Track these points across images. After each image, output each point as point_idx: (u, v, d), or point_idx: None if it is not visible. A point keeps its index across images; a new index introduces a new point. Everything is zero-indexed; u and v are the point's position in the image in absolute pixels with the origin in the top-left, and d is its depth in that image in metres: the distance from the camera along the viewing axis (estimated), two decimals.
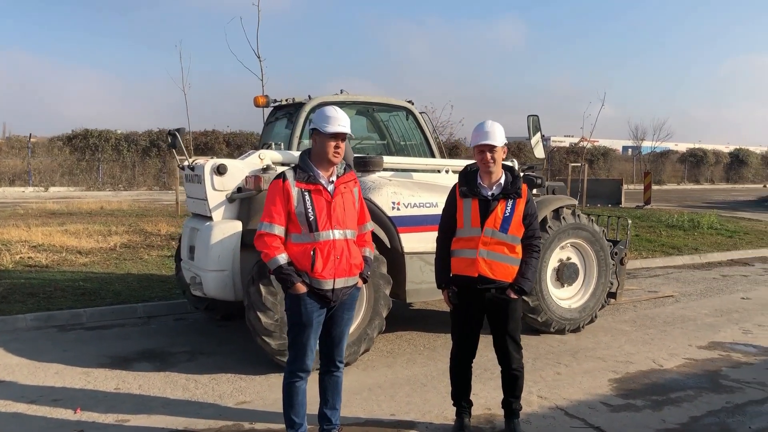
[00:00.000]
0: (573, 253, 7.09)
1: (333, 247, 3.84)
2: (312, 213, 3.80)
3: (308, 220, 3.80)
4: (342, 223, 3.87)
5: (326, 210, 3.83)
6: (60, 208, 18.44)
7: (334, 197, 3.87)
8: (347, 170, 4.02)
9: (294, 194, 3.81)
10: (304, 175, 3.86)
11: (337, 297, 3.91)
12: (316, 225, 3.80)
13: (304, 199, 3.81)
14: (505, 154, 4.21)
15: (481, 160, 4.13)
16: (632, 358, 6.17)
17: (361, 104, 7.26)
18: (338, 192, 3.90)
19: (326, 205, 3.84)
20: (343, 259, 3.87)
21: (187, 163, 6.39)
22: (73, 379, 5.39)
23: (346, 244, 3.90)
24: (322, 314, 3.93)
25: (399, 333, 6.83)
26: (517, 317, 4.26)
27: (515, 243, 4.15)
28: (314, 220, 3.80)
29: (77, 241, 11.70)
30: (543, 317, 6.74)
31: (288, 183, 3.83)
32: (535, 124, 7.25)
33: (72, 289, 8.14)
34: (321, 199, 3.84)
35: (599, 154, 42.22)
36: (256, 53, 12.57)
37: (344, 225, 3.88)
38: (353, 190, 4.01)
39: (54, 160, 29.17)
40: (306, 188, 3.83)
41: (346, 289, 3.94)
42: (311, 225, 3.80)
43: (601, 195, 22.77)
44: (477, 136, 4.15)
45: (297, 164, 3.95)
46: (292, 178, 3.85)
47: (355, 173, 4.12)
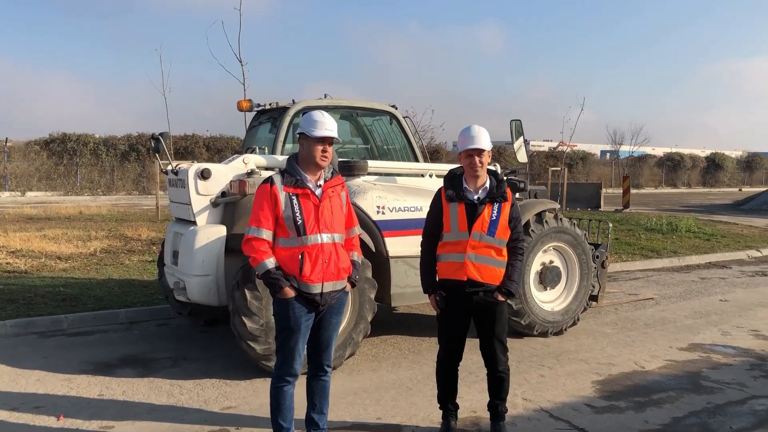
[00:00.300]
0: (555, 256, 7.16)
1: (321, 250, 3.84)
2: (300, 217, 3.80)
3: (296, 224, 3.80)
4: (330, 227, 3.88)
5: (314, 214, 3.84)
6: (38, 213, 18.25)
7: (321, 201, 3.88)
8: (334, 174, 4.03)
9: (282, 198, 3.81)
10: (291, 179, 3.86)
11: (326, 301, 3.91)
12: (304, 229, 3.81)
13: (292, 203, 3.81)
14: (490, 158, 4.26)
15: (469, 165, 4.16)
16: (614, 360, 6.24)
17: (345, 109, 7.27)
18: (326, 196, 3.90)
19: (314, 209, 3.84)
20: (332, 263, 3.88)
21: (171, 168, 6.36)
22: (56, 386, 5.33)
23: (335, 248, 3.91)
24: (310, 318, 3.93)
25: (384, 337, 6.85)
26: (504, 320, 4.30)
27: (502, 246, 4.20)
28: (302, 224, 3.80)
29: (56, 247, 11.58)
30: (526, 320, 6.79)
31: (276, 187, 3.83)
32: (518, 129, 7.31)
33: (52, 294, 8.05)
34: (309, 203, 3.84)
35: (578, 158, 42.62)
36: (238, 57, 12.56)
37: (332, 229, 3.89)
38: (341, 194, 4.02)
39: (31, 164, 28.83)
40: (294, 192, 3.83)
41: (335, 293, 3.95)
42: (299, 229, 3.80)
43: (580, 199, 22.99)
44: (465, 141, 4.19)
45: (284, 168, 3.95)
46: (280, 183, 3.85)
47: (342, 177, 4.12)
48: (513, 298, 4.28)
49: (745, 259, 13.21)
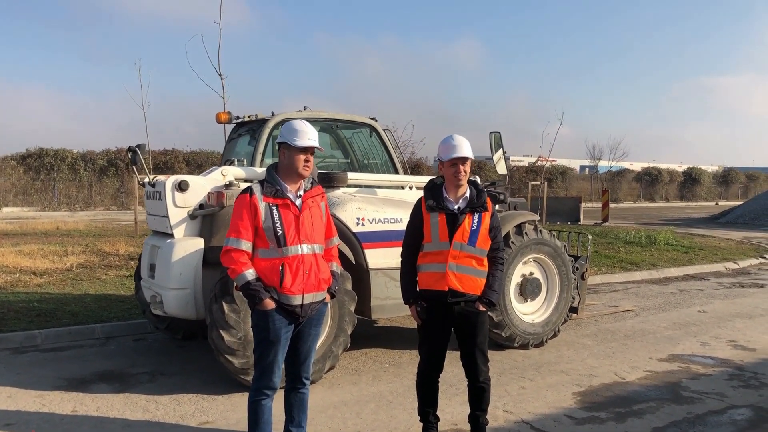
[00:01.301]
0: (535, 268, 7.16)
1: (302, 261, 3.80)
2: (280, 227, 3.75)
3: (276, 235, 3.74)
4: (310, 238, 3.84)
5: (294, 224, 3.79)
6: (13, 229, 17.98)
7: (302, 212, 3.84)
8: (314, 184, 4.00)
9: (261, 209, 3.75)
10: (271, 189, 3.81)
11: (306, 313, 3.86)
12: (284, 240, 3.75)
13: (272, 213, 3.75)
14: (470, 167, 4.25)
15: (453, 174, 4.14)
16: (595, 372, 6.24)
17: (325, 121, 7.25)
18: (306, 206, 3.86)
19: (294, 220, 3.80)
20: (312, 274, 3.84)
21: (148, 180, 6.29)
22: (27, 403, 5.21)
23: (315, 259, 3.86)
24: (289, 330, 3.87)
25: (364, 350, 6.79)
26: (485, 330, 4.27)
27: (483, 256, 4.18)
28: (282, 235, 3.75)
29: (32, 262, 11.41)
30: (507, 332, 6.77)
31: (255, 197, 3.77)
32: (497, 141, 7.33)
33: (26, 310, 7.90)
34: (289, 213, 3.80)
35: (558, 173, 42.96)
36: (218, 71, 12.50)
37: (312, 239, 3.85)
38: (320, 204, 3.99)
39: (7, 179, 28.46)
40: (274, 203, 3.78)
41: (315, 304, 3.91)
42: (279, 240, 3.75)
43: (560, 213, 23.11)
44: (448, 150, 4.17)
45: (264, 179, 3.91)
46: (260, 193, 3.79)
47: (322, 188, 4.09)
48: (494, 308, 4.26)
49: (722, 271, 13.33)
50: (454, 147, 4.15)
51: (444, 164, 4.19)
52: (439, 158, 4.26)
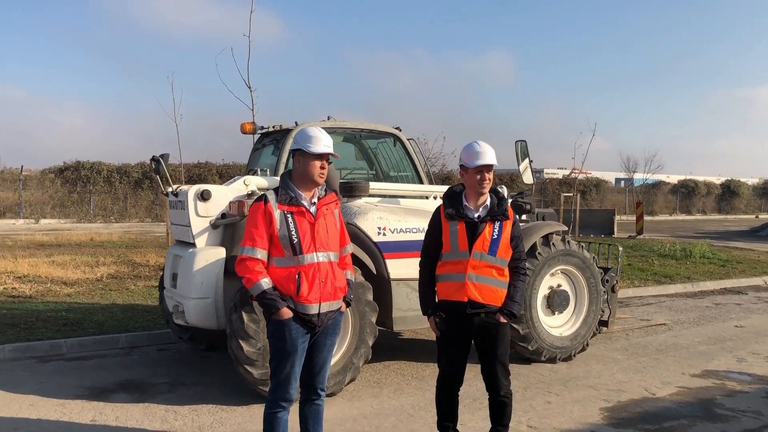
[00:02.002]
0: (563, 280, 6.99)
1: (318, 270, 3.72)
2: (296, 235, 3.68)
3: (292, 243, 3.67)
4: (326, 246, 3.77)
5: (310, 232, 3.73)
6: (49, 240, 18.27)
7: (317, 219, 3.77)
8: (328, 191, 3.93)
9: (276, 216, 3.69)
10: (286, 196, 3.74)
11: (322, 322, 3.79)
12: (300, 248, 3.68)
13: (287, 221, 3.69)
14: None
15: (478, 181, 4.04)
16: (624, 387, 6.04)
17: (348, 131, 7.21)
18: (321, 214, 3.80)
19: (310, 227, 3.74)
20: (328, 282, 3.77)
21: (171, 190, 6.31)
22: (49, 411, 5.21)
23: (331, 267, 3.80)
24: (306, 340, 3.79)
25: (386, 363, 6.68)
26: (506, 342, 4.15)
27: (503, 266, 4.06)
28: (298, 243, 3.68)
29: (63, 272, 11.54)
30: (533, 345, 6.61)
31: (270, 205, 3.71)
32: (523, 150, 7.20)
33: (54, 319, 7.98)
34: (304, 221, 3.74)
35: (591, 185, 42.34)
36: (247, 83, 12.54)
37: (328, 247, 3.79)
38: (334, 211, 3.92)
39: (45, 192, 29.05)
40: (288, 210, 3.72)
41: (331, 313, 3.83)
42: (295, 248, 3.68)
43: (593, 225, 22.76)
44: (472, 156, 4.07)
45: (278, 186, 3.85)
46: (274, 200, 3.73)
47: (335, 195, 4.01)
48: (515, 319, 4.13)
49: (761, 285, 12.92)
50: (479, 154, 4.04)
51: (467, 171, 4.08)
52: (461, 165, 4.15)
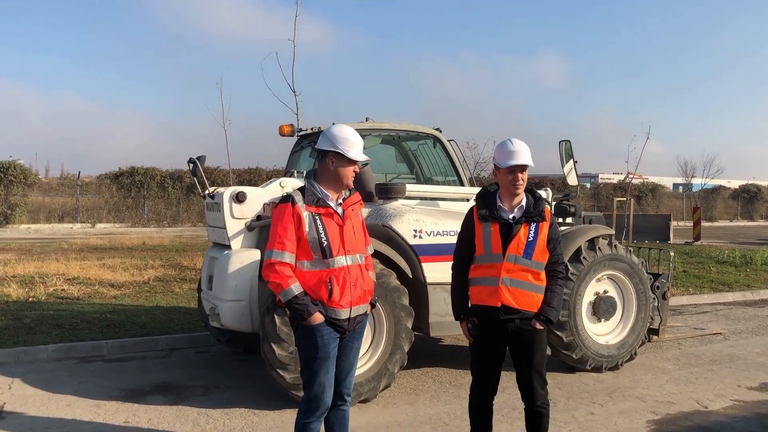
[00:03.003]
0: (610, 285, 6.71)
1: (348, 273, 3.60)
2: (326, 238, 3.55)
3: (321, 246, 3.54)
4: (354, 248, 3.66)
5: (339, 235, 3.61)
6: (103, 243, 18.70)
7: (344, 221, 3.65)
8: (352, 192, 3.80)
9: (305, 218, 3.55)
10: (313, 198, 3.60)
11: (352, 326, 3.68)
12: (330, 251, 3.55)
13: (316, 223, 3.56)
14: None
15: (511, 181, 3.85)
16: (674, 399, 5.74)
17: (387, 132, 7.09)
18: (347, 215, 3.68)
19: (338, 230, 3.62)
20: (358, 285, 3.66)
21: (208, 192, 6.30)
22: (84, 412, 5.23)
23: (360, 270, 3.68)
24: (336, 345, 3.67)
25: (425, 369, 6.52)
26: (542, 350, 3.94)
27: (539, 269, 3.86)
28: (328, 246, 3.55)
29: (112, 275, 11.74)
30: (578, 354, 6.35)
31: (298, 206, 3.56)
32: (567, 151, 6.95)
33: (98, 320, 8.08)
34: (333, 223, 3.61)
35: (647, 190, 41.24)
36: (292, 87, 12.59)
37: (356, 250, 3.67)
38: (359, 212, 3.82)
39: (101, 197, 29.83)
40: (317, 212, 3.59)
41: (360, 317, 3.73)
42: (325, 251, 3.55)
43: (648, 231, 22.08)
44: (505, 156, 3.88)
45: (304, 186, 3.70)
46: (302, 202, 3.58)
47: (359, 195, 3.88)
48: (558, 326, 3.92)
49: None
50: (513, 153, 3.85)
51: (500, 171, 3.90)
52: (495, 164, 3.97)
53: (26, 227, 26.49)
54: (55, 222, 28.27)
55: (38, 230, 25.70)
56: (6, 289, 9.90)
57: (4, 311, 8.46)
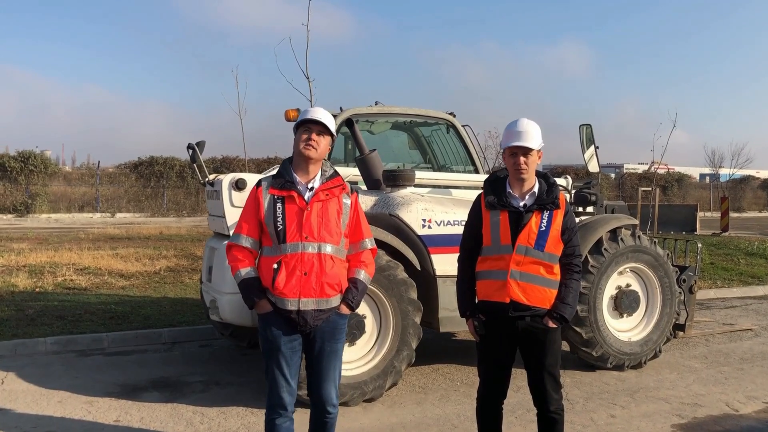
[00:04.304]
0: (633, 279, 6.33)
1: (300, 261, 3.33)
2: (281, 222, 3.35)
3: (276, 231, 3.35)
4: (316, 235, 3.36)
5: (297, 219, 3.36)
6: (120, 233, 18.58)
7: (310, 204, 3.39)
8: (334, 175, 3.53)
9: (264, 202, 3.41)
10: (280, 180, 3.44)
11: (306, 322, 3.36)
12: (284, 236, 3.34)
13: (275, 207, 3.38)
14: (540, 158, 3.59)
15: (513, 165, 3.51)
16: (701, 401, 5.36)
17: (398, 116, 6.75)
18: (317, 199, 3.41)
19: (299, 214, 3.37)
20: (313, 276, 3.34)
21: (208, 179, 6.03)
22: (75, 409, 4.99)
23: (319, 259, 3.36)
24: (294, 341, 3.42)
25: (435, 366, 6.20)
26: (555, 350, 3.59)
27: (553, 262, 3.51)
28: (282, 230, 3.34)
29: (123, 265, 11.54)
30: (598, 351, 5.99)
31: (260, 190, 3.45)
32: (588, 136, 6.56)
33: (102, 312, 7.86)
34: (294, 206, 3.39)
35: (673, 180, 40.37)
36: (305, 74, 12.24)
37: (319, 237, 3.37)
38: (341, 198, 3.49)
39: (120, 186, 29.85)
40: (279, 195, 3.41)
41: (319, 313, 3.38)
42: (279, 235, 3.35)
43: (674, 221, 21.49)
44: (508, 136, 3.54)
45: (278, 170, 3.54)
46: (267, 185, 3.45)
47: (342, 179, 3.59)
48: (566, 324, 3.58)
49: None
50: (515, 134, 3.50)
51: (505, 153, 3.57)
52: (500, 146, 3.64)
53: (47, 217, 26.58)
54: (75, 212, 28.35)
55: (58, 220, 25.76)
56: (14, 278, 9.74)
57: (8, 302, 8.29)
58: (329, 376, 3.50)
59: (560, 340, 3.67)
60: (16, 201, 26.91)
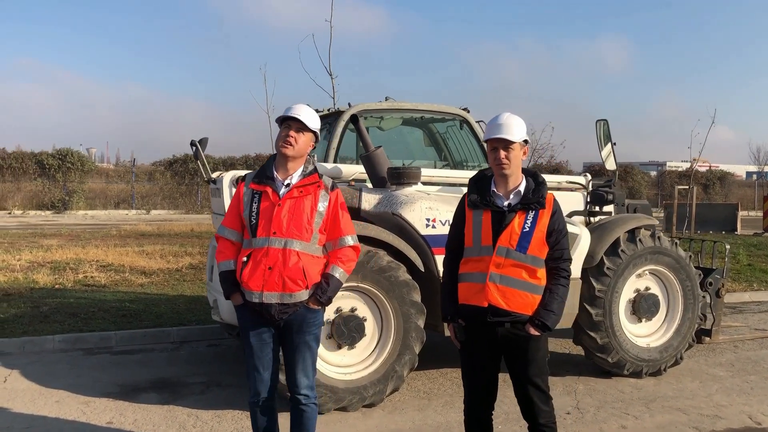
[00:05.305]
0: (653, 282, 6.03)
1: (266, 255, 3.39)
2: (255, 217, 3.45)
3: (250, 224, 3.47)
4: (285, 231, 3.41)
5: (268, 214, 3.42)
6: (151, 230, 18.75)
7: (282, 201, 3.43)
8: (312, 172, 3.54)
9: (244, 196, 3.53)
10: (261, 176, 3.55)
11: (271, 314, 3.42)
12: (255, 230, 3.44)
13: (252, 201, 3.49)
14: (525, 155, 3.38)
15: (494, 160, 3.32)
16: (722, 412, 5.06)
17: (407, 112, 6.56)
18: (290, 196, 3.44)
19: (269, 209, 3.42)
20: (276, 271, 3.38)
21: (213, 177, 5.92)
22: (70, 410, 4.93)
23: (283, 255, 3.39)
24: (263, 333, 3.50)
25: (444, 370, 5.99)
26: (540, 359, 3.35)
27: (536, 266, 3.28)
28: (255, 225, 3.44)
29: (147, 262, 11.59)
30: (614, 357, 5.72)
31: (242, 184, 3.58)
32: (605, 131, 6.27)
33: (115, 310, 7.84)
34: (267, 202, 3.46)
35: (715, 178, 39.25)
36: (328, 71, 12.11)
37: (288, 233, 3.41)
38: (318, 194, 3.48)
39: (155, 184, 30.22)
40: (257, 190, 3.51)
41: (283, 307, 3.41)
42: (252, 230, 3.46)
43: (713, 221, 20.85)
44: (488, 130, 3.37)
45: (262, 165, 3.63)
46: (249, 180, 3.57)
47: (319, 176, 3.57)
48: (549, 332, 3.34)
49: None
50: (495, 127, 3.33)
51: (486, 148, 3.39)
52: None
53: (83, 213, 27.06)
54: (111, 208, 28.81)
55: (94, 216, 26.18)
56: (36, 275, 9.84)
57: (26, 298, 8.34)
58: (298, 366, 3.54)
59: (545, 348, 3.42)
60: (54, 198, 27.45)
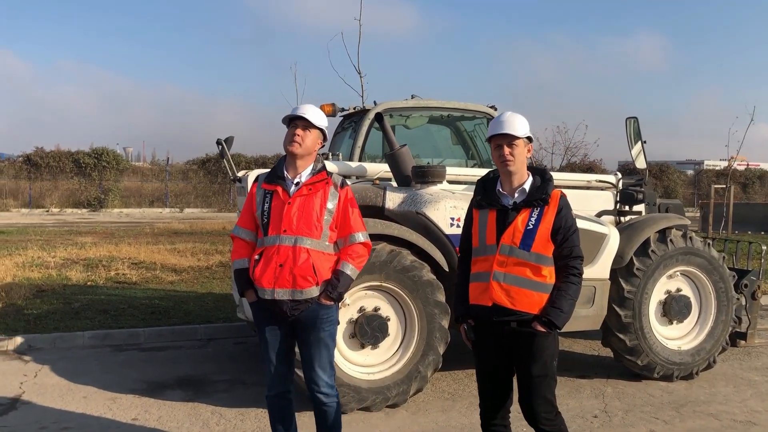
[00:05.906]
0: (684, 283, 5.89)
1: (277, 253, 3.44)
2: (267, 216, 3.50)
3: (263, 223, 3.52)
4: (295, 229, 3.45)
5: (278, 213, 3.48)
6: (184, 228, 18.97)
7: (292, 199, 3.47)
8: (320, 170, 3.58)
9: (257, 196, 3.60)
10: (273, 175, 3.61)
11: (283, 311, 3.46)
12: (267, 229, 3.50)
13: (264, 201, 3.54)
14: (530, 152, 3.31)
15: (498, 157, 3.27)
16: (756, 418, 4.91)
17: (433, 110, 6.51)
18: (300, 194, 3.49)
19: (280, 207, 3.47)
20: (286, 268, 3.42)
21: (239, 175, 5.95)
22: (97, 406, 4.99)
23: (293, 252, 3.42)
24: (277, 329, 3.56)
25: (470, 371, 5.90)
26: (545, 359, 3.23)
27: (541, 264, 3.20)
28: (266, 223, 3.50)
29: (178, 260, 11.70)
30: (644, 360, 5.60)
31: (255, 184, 3.64)
32: (635, 129, 6.14)
33: (145, 307, 7.93)
34: (278, 200, 3.51)
35: (755, 177, 38.35)
36: (357, 69, 12.12)
37: (298, 231, 3.45)
38: (328, 192, 3.52)
39: (189, 183, 30.58)
40: (269, 189, 3.57)
41: (295, 303, 3.45)
42: (264, 228, 3.52)
43: (752, 220, 20.37)
44: (492, 127, 3.32)
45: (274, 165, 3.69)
46: (262, 180, 3.63)
47: (326, 173, 3.60)
48: (556, 330, 3.23)
49: None
50: (498, 123, 3.29)
51: (491, 146, 3.34)
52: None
53: (118, 211, 27.51)
54: (146, 207, 29.23)
55: (129, 214, 26.59)
56: (69, 272, 10.00)
57: (59, 294, 8.48)
58: (314, 362, 3.57)
59: (553, 349, 3.29)
60: (90, 196, 27.94)
